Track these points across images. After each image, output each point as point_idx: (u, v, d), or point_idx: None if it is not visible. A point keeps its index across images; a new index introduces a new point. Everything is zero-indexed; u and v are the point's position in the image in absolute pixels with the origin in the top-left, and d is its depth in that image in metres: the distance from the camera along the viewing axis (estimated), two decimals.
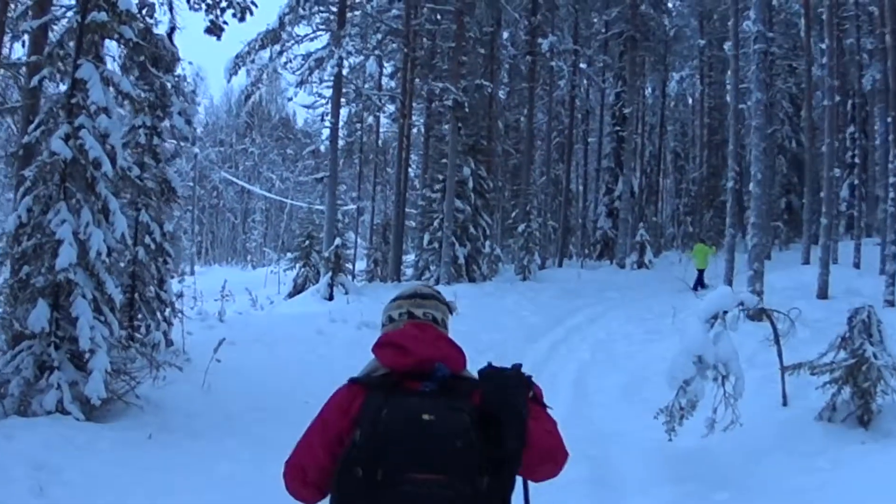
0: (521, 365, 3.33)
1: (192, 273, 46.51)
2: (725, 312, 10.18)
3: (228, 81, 71.15)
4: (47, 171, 10.87)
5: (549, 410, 3.37)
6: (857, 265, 27.22)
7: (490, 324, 22.05)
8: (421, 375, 3.15)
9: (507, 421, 3.00)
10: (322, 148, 64.04)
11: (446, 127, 35.71)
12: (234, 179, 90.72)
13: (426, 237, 36.14)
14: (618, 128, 47.71)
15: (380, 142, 55.08)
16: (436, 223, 35.23)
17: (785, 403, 10.73)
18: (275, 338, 18.55)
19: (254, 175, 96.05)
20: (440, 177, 35.24)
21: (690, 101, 62.74)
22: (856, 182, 38.73)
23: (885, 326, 9.84)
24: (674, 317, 19.98)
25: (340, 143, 38.13)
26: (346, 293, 30.07)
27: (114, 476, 8.52)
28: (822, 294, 20.52)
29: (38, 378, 10.65)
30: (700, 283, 30.68)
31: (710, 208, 54.49)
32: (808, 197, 32.15)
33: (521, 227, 37.02)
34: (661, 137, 56.82)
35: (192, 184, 79.66)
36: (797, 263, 31.44)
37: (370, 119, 47.69)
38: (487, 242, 36.37)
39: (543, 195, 47.93)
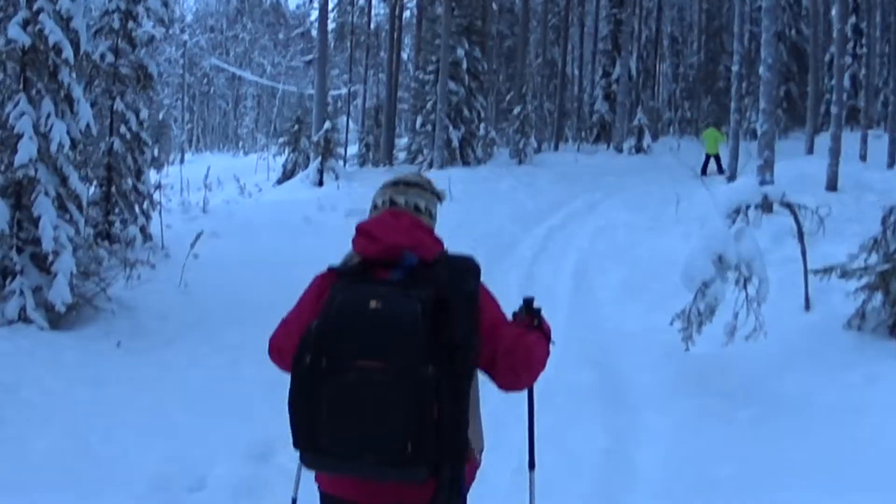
0: (532, 299, 3.54)
1: (183, 161, 45.67)
2: (748, 207, 9.22)
3: None
4: (4, 60, 10.00)
5: (551, 346, 3.44)
6: (863, 157, 26.20)
7: (485, 210, 21.30)
8: (391, 264, 3.12)
9: (456, 306, 3.00)
10: (312, 31, 62.69)
11: (440, 9, 34.50)
12: (225, 66, 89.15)
13: (419, 120, 35.19)
14: (615, 10, 46.20)
15: (372, 25, 53.67)
16: (429, 105, 34.24)
17: (808, 308, 9.84)
18: (260, 227, 17.76)
19: (245, 61, 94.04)
20: (433, 58, 34.16)
21: None
22: (862, 71, 37.33)
23: None
24: (677, 205, 19.09)
25: (332, 25, 36.91)
26: (337, 178, 29.44)
27: (75, 394, 7.74)
28: (832, 186, 19.58)
29: (0, 285, 9.87)
30: (714, 169, 30.09)
31: (708, 94, 53.48)
32: (812, 86, 31.12)
33: (516, 110, 35.99)
34: (659, 21, 55.45)
35: (181, 71, 78.70)
36: (799, 153, 30.24)
37: (362, 0, 46.24)
38: (482, 125, 35.43)
39: (539, 78, 46.78)
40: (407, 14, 48.79)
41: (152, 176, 16.45)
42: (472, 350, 3.05)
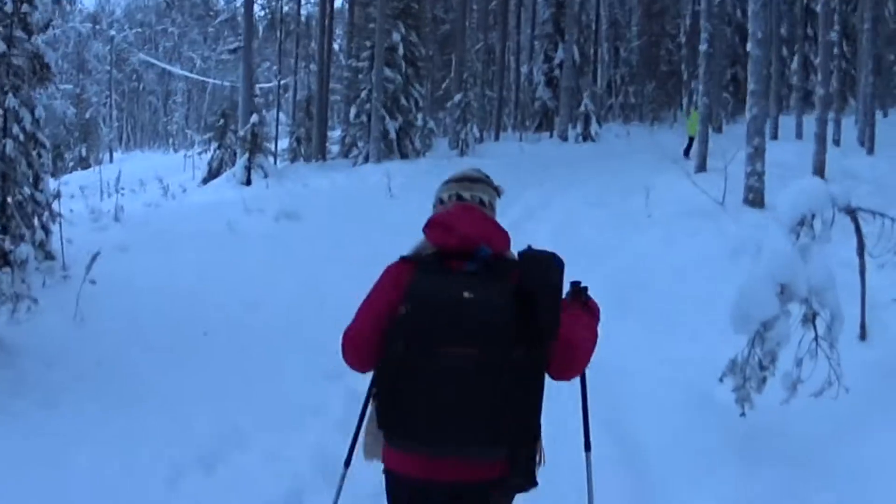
0: (579, 282, 3.69)
1: (112, 160, 43.26)
2: (813, 216, 6.74)
3: None
4: None
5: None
6: (836, 142, 24.53)
7: (429, 207, 19.17)
8: (465, 255, 3.28)
9: (543, 296, 3.12)
10: (239, 18, 60.31)
11: None
12: (154, 61, 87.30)
13: (353, 110, 32.94)
14: None
15: (303, 13, 51.65)
16: (363, 94, 32.09)
17: (863, 337, 7.73)
18: (177, 238, 15.17)
19: (174, 55, 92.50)
20: (367, 43, 32.06)
21: None
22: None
23: None
24: (647, 197, 17.17)
25: (261, 12, 34.69)
26: (266, 176, 27.60)
27: None
28: (819, 176, 17.85)
29: None
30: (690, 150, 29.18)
31: (652, 78, 52.78)
32: (774, 65, 29.61)
33: (456, 98, 34.17)
34: (598, 4, 54.04)
35: (109, 68, 76.39)
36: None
37: None
38: (420, 115, 33.20)
39: (479, 64, 44.84)
40: (339, 2, 46.92)
41: (51, 182, 14.00)
42: (555, 336, 3.15)
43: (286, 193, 22.35)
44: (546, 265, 3.22)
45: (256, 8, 48.71)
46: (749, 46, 16.02)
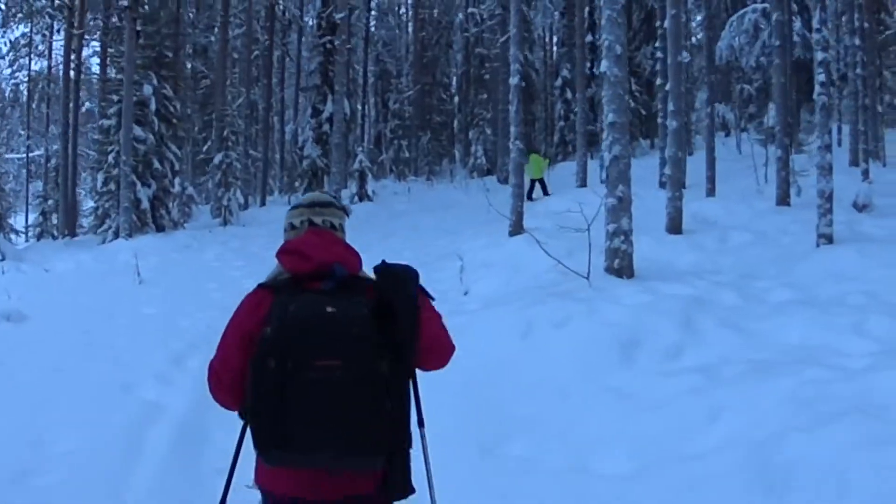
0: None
1: None
2: None
3: None
4: None
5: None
6: (663, 185, 22.06)
7: (188, 295, 15.68)
8: (321, 276, 3.37)
9: (402, 308, 3.27)
10: None
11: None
12: None
13: (100, 177, 28.63)
14: (326, 38, 40.34)
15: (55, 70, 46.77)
16: (111, 157, 27.76)
17: None
18: None
19: None
20: (115, 97, 27.79)
21: (401, 9, 58.16)
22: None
23: None
24: (461, 271, 14.43)
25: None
26: (3, 259, 23.11)
27: None
28: (675, 227, 15.22)
29: None
30: (539, 191, 30.21)
31: (426, 129, 51.11)
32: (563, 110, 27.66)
33: (217, 158, 30.35)
34: (366, 54, 51.65)
35: None
36: (569, 185, 29.06)
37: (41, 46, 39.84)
38: (177, 180, 29.22)
39: (242, 122, 41.34)
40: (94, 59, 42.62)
41: None
42: (414, 348, 3.31)
43: (22, 282, 18.17)
44: (402, 277, 3.40)
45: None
46: (604, 65, 12.44)
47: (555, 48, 54.10)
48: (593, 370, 8.28)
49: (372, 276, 3.45)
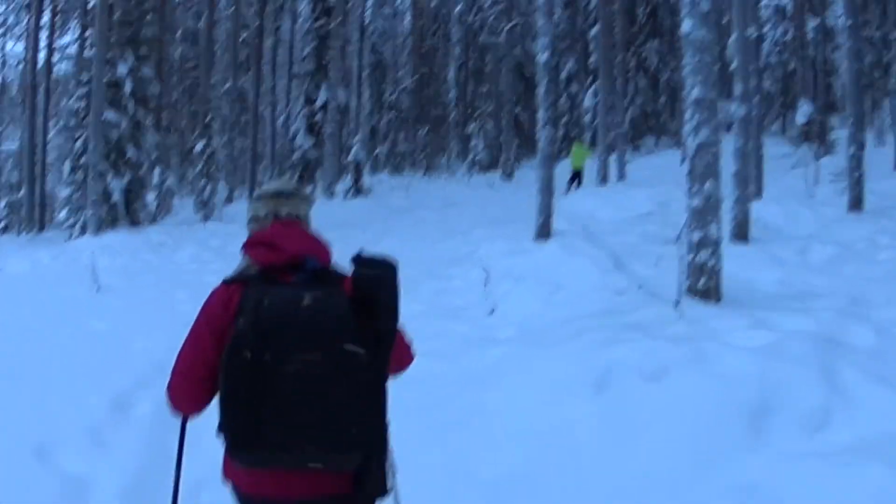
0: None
1: None
2: None
3: None
4: None
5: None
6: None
7: (150, 306, 13.06)
8: (293, 269, 3.26)
9: (385, 298, 3.12)
10: None
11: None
12: None
13: (67, 165, 26.03)
14: (320, 21, 37.90)
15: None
16: (78, 143, 25.12)
17: None
18: None
19: None
20: (85, 77, 25.14)
21: None
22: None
23: None
24: (486, 283, 12.02)
25: None
26: None
27: None
28: (742, 234, 12.63)
29: None
30: (578, 182, 29.00)
31: (423, 122, 49.89)
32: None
33: (198, 146, 27.82)
34: (362, 44, 49.57)
35: None
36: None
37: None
38: (157, 170, 26.60)
39: (228, 108, 38.77)
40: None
41: None
42: (394, 338, 3.16)
43: None
44: (383, 268, 3.20)
45: None
46: (686, 26, 9.41)
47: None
48: (711, 453, 5.57)
49: (344, 268, 3.30)
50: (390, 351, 3.13)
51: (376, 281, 3.11)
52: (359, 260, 3.19)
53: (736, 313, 8.29)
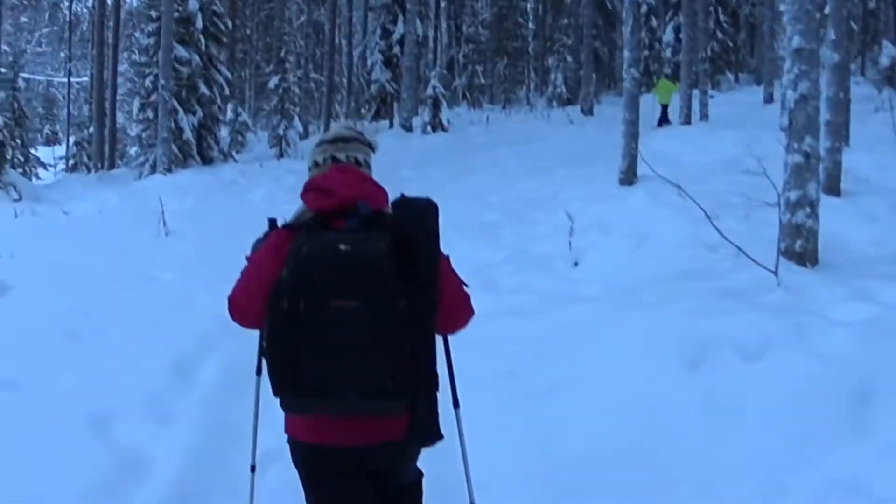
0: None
1: None
2: None
3: None
4: None
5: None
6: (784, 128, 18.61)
7: (220, 253, 12.30)
8: (345, 214, 3.22)
9: (422, 241, 3.12)
10: None
11: None
12: None
13: (136, 102, 25.56)
14: None
15: None
16: (148, 81, 24.59)
17: None
18: None
19: None
20: (154, 13, 24.52)
21: None
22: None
23: None
24: (571, 233, 11.08)
25: None
26: (19, 199, 20.22)
27: None
28: (834, 188, 11.57)
29: None
30: (665, 119, 28.53)
31: (503, 55, 49.07)
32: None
33: (272, 82, 27.16)
34: None
35: None
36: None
37: None
38: (229, 106, 26.04)
39: (303, 42, 38.04)
40: None
41: None
42: (435, 284, 3.14)
43: (32, 229, 15.21)
44: (421, 210, 3.23)
45: None
46: None
47: None
48: (810, 444, 4.90)
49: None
50: (433, 298, 3.12)
51: (413, 223, 3.13)
52: (398, 203, 3.24)
53: (834, 281, 7.52)
